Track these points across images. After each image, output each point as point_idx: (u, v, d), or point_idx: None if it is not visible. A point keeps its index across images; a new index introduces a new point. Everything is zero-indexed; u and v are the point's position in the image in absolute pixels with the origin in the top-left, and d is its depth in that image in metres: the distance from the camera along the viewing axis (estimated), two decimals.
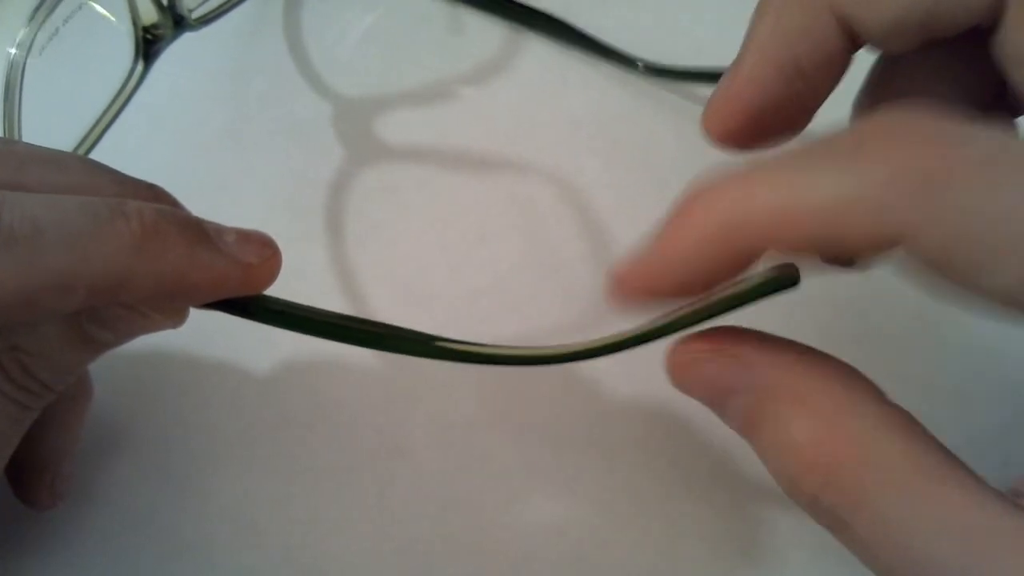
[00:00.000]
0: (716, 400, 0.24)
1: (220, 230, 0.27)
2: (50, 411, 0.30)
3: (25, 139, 0.33)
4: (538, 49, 0.47)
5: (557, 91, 0.45)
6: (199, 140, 0.44)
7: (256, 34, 0.46)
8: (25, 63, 0.32)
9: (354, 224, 0.42)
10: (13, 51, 0.32)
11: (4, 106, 0.32)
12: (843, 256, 0.22)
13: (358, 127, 0.44)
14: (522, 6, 0.46)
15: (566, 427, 0.38)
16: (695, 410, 0.37)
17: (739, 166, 0.22)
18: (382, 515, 0.36)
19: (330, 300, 0.39)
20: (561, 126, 0.44)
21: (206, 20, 0.37)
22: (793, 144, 0.23)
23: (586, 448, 0.37)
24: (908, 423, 0.21)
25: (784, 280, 0.24)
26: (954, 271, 0.19)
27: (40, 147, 0.27)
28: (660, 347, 0.26)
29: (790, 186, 0.21)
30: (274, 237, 0.28)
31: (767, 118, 0.27)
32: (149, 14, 0.35)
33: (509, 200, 0.42)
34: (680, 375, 0.25)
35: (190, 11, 0.36)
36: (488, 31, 0.47)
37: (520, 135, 0.44)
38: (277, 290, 0.28)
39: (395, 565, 0.36)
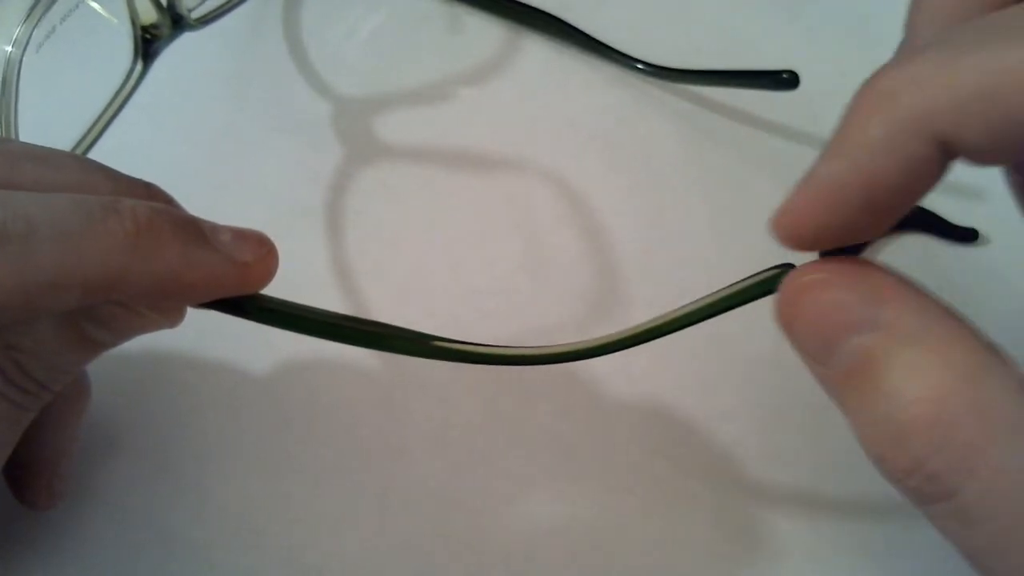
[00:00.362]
0: (828, 339, 0.21)
1: (215, 228, 0.27)
2: (48, 411, 0.30)
3: (23, 138, 0.33)
4: (538, 49, 0.47)
5: (557, 91, 0.45)
6: (199, 140, 0.44)
7: (256, 34, 0.46)
8: (21, 61, 0.32)
9: (354, 224, 0.42)
10: (9, 49, 0.32)
11: (0, 104, 0.32)
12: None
13: (358, 127, 0.44)
14: (522, 5, 0.46)
15: (566, 427, 0.38)
16: (696, 410, 0.37)
17: (910, 47, 0.21)
18: (382, 515, 0.36)
19: (330, 300, 0.39)
20: (561, 126, 0.44)
21: (206, 20, 0.37)
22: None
23: (586, 448, 0.37)
24: None
25: (781, 280, 0.23)
26: None
27: (34, 145, 0.27)
28: (660, 347, 0.26)
29: (997, 54, 0.18)
30: (273, 237, 0.28)
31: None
32: (148, 14, 0.35)
33: (509, 200, 0.42)
34: (794, 303, 0.22)
35: (189, 11, 0.36)
36: (488, 31, 0.47)
37: (520, 135, 0.44)
38: (276, 290, 0.28)
39: (395, 565, 0.35)
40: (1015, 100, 0.18)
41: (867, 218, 0.21)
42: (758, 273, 0.24)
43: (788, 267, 0.24)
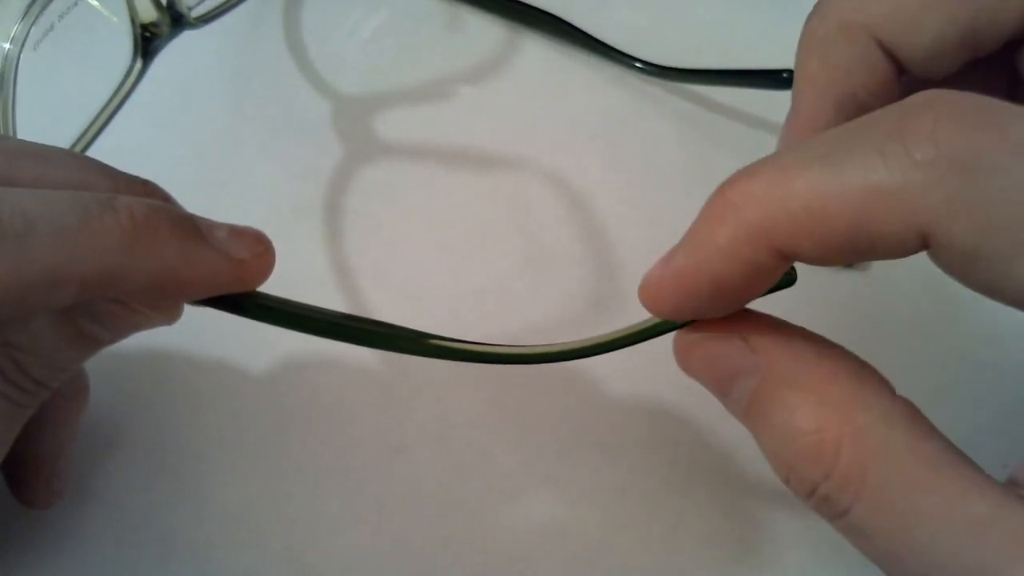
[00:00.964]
0: (721, 383, 0.24)
1: (212, 226, 0.27)
2: (46, 409, 0.30)
3: (21, 136, 0.33)
4: (538, 48, 0.47)
5: (558, 90, 0.45)
6: (199, 139, 0.44)
7: (256, 33, 0.46)
8: (19, 58, 0.32)
9: (354, 223, 0.42)
10: (7, 46, 0.32)
11: None
12: (870, 255, 0.21)
13: (358, 126, 0.44)
14: (522, 4, 0.46)
15: (566, 427, 0.38)
16: (696, 410, 0.37)
17: (771, 156, 0.22)
18: (382, 515, 0.36)
19: (329, 299, 0.39)
20: (561, 125, 0.44)
21: (206, 19, 0.37)
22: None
23: (586, 448, 0.37)
24: (914, 415, 0.21)
25: (782, 278, 0.23)
26: (985, 265, 0.19)
27: (31, 142, 0.27)
28: (659, 347, 0.26)
29: (827, 175, 0.20)
30: (272, 236, 0.28)
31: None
32: (147, 11, 0.35)
33: (509, 199, 0.42)
34: (686, 355, 0.25)
35: (189, 9, 0.36)
36: (488, 30, 0.47)
37: (520, 134, 0.44)
38: (275, 289, 0.28)
39: (395, 565, 0.35)
40: (834, 221, 0.20)
41: (714, 303, 0.23)
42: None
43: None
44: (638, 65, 0.45)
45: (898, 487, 0.20)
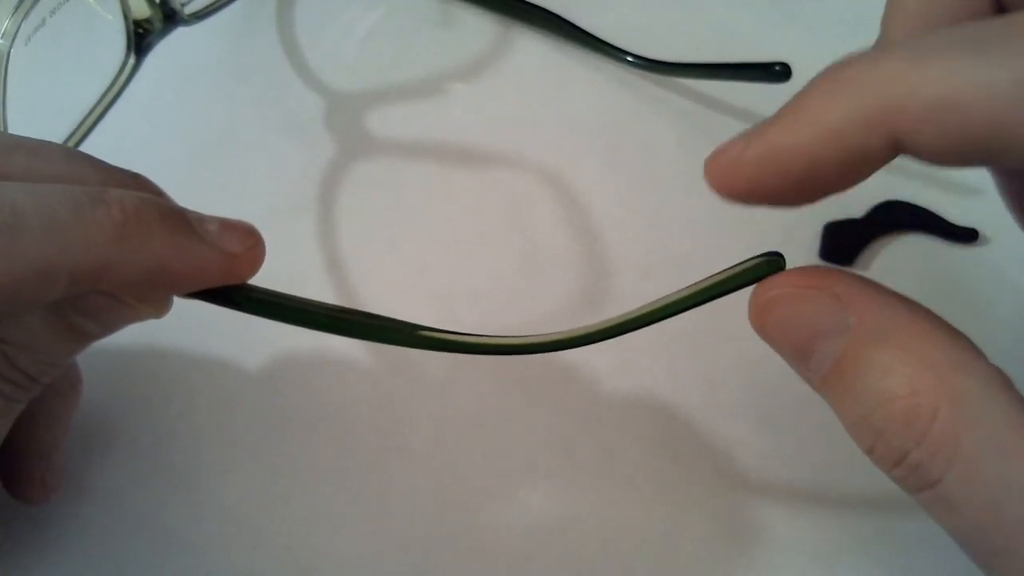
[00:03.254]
0: (802, 346, 0.23)
1: (202, 219, 0.27)
2: (38, 404, 0.30)
3: (13, 131, 0.33)
4: (533, 45, 0.47)
5: (554, 88, 0.45)
6: (193, 136, 0.44)
7: (250, 30, 0.46)
8: (9, 53, 0.32)
9: (349, 220, 0.42)
10: None
11: None
12: (997, 158, 0.20)
13: (353, 123, 0.44)
14: (518, 0, 0.46)
15: (566, 427, 0.37)
16: (696, 410, 0.37)
17: (886, 44, 0.21)
18: (382, 515, 0.36)
19: (325, 297, 0.39)
20: (558, 123, 0.44)
21: (199, 16, 0.37)
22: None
23: (586, 448, 0.37)
24: (1009, 385, 0.20)
25: (768, 267, 0.23)
26: None
27: (22, 136, 0.27)
28: (661, 346, 0.26)
29: (975, 62, 0.19)
30: (267, 233, 0.28)
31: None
32: (140, 8, 0.35)
33: (505, 197, 0.42)
34: (766, 315, 0.23)
35: (182, 5, 0.36)
36: (482, 26, 0.47)
37: (516, 131, 0.44)
38: (271, 286, 0.28)
39: (395, 565, 0.35)
40: (975, 113, 0.18)
41: (800, 189, 0.22)
42: (744, 262, 0.24)
43: (773, 255, 0.24)
44: (629, 59, 0.45)
45: (993, 457, 0.19)
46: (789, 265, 0.24)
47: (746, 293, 0.24)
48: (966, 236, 0.40)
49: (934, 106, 0.19)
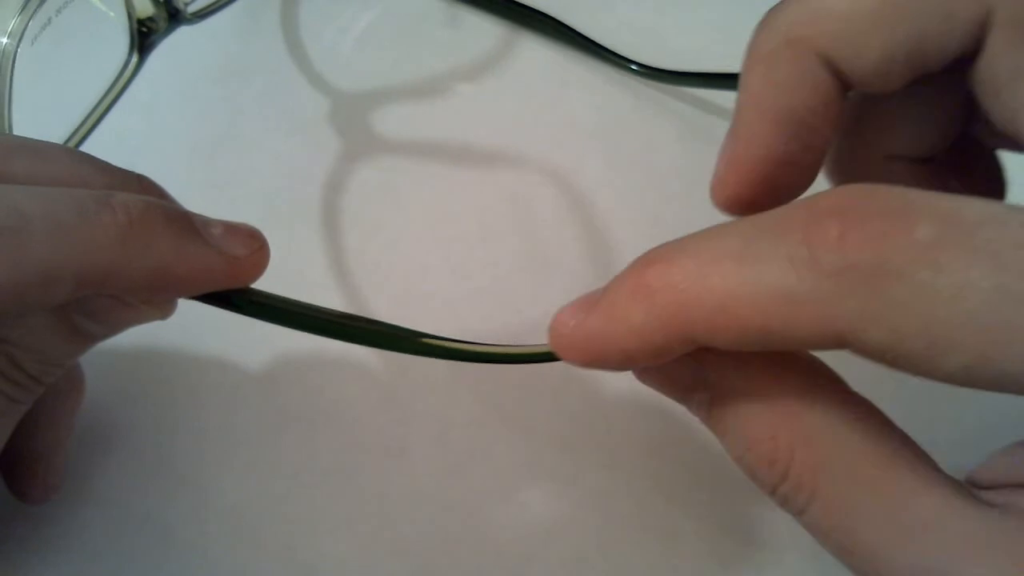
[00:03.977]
0: (680, 396, 0.24)
1: (207, 222, 0.27)
2: (41, 404, 0.30)
3: (16, 130, 0.32)
4: (535, 48, 0.46)
5: (555, 90, 0.45)
6: (195, 135, 0.44)
7: (253, 30, 0.46)
8: (16, 52, 0.32)
9: (351, 221, 0.42)
10: (4, 40, 0.32)
11: None
12: (789, 349, 0.22)
13: (355, 124, 0.44)
14: (519, 5, 0.46)
15: (566, 427, 0.37)
16: None
17: (688, 239, 0.22)
18: (382, 515, 0.36)
19: (327, 298, 0.39)
20: (559, 126, 0.44)
21: (202, 15, 0.37)
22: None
23: (586, 448, 0.37)
24: (868, 414, 0.22)
25: None
26: (905, 362, 0.19)
27: (27, 138, 0.27)
28: None
29: (740, 276, 0.20)
30: (269, 234, 0.28)
31: (776, 176, 0.25)
32: (144, 7, 0.35)
33: (507, 199, 0.42)
34: (643, 373, 0.25)
35: (186, 4, 0.36)
36: (485, 28, 0.47)
37: (518, 134, 0.44)
38: (272, 288, 0.28)
39: (395, 565, 0.35)
40: (752, 321, 0.20)
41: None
42: None
43: None
44: (634, 67, 0.45)
45: (848, 489, 0.21)
46: None
47: None
48: None
49: (717, 315, 0.20)
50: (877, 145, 0.28)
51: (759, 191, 0.26)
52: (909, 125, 0.27)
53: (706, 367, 0.23)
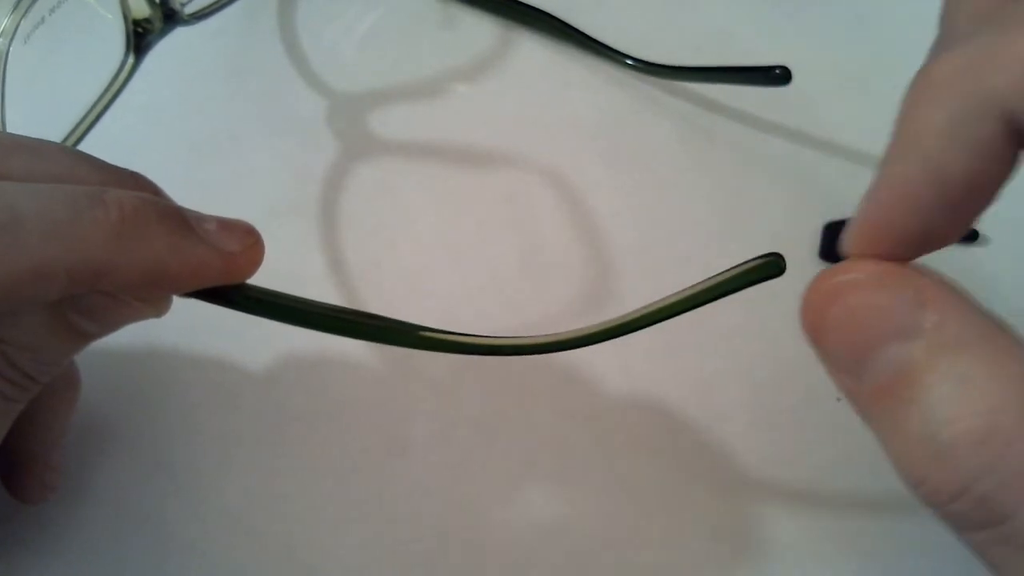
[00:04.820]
0: (864, 346, 0.19)
1: (201, 218, 0.27)
2: (37, 403, 0.30)
3: (12, 130, 0.33)
4: (534, 47, 0.46)
5: (555, 89, 0.45)
6: (192, 136, 0.44)
7: (250, 31, 0.46)
8: (8, 51, 0.32)
9: (350, 222, 0.42)
10: None
11: None
12: None
13: (353, 124, 0.44)
14: (517, 3, 0.46)
15: (566, 427, 0.37)
16: (695, 409, 0.37)
17: (971, 30, 0.19)
18: (382, 515, 0.36)
19: (326, 297, 0.39)
20: (558, 125, 0.44)
21: (199, 16, 0.37)
22: None
23: (586, 448, 0.37)
24: None
25: (769, 268, 0.23)
26: None
27: (20, 136, 0.27)
28: (660, 347, 0.26)
29: None
30: (267, 235, 0.28)
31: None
32: (140, 7, 0.35)
33: (506, 198, 0.42)
34: (823, 308, 0.20)
35: (182, 5, 0.36)
36: (483, 28, 0.47)
37: (517, 133, 0.44)
38: (271, 287, 0.28)
39: (395, 565, 0.35)
40: None
41: (946, 216, 0.19)
42: (744, 263, 0.24)
43: (774, 256, 0.24)
44: (629, 62, 0.45)
45: None
46: (789, 267, 0.24)
47: (742, 294, 0.24)
48: (966, 236, 0.40)
49: None
50: None
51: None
52: None
53: (929, 306, 0.19)
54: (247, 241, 0.27)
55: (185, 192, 0.30)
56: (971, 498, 0.17)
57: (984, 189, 0.19)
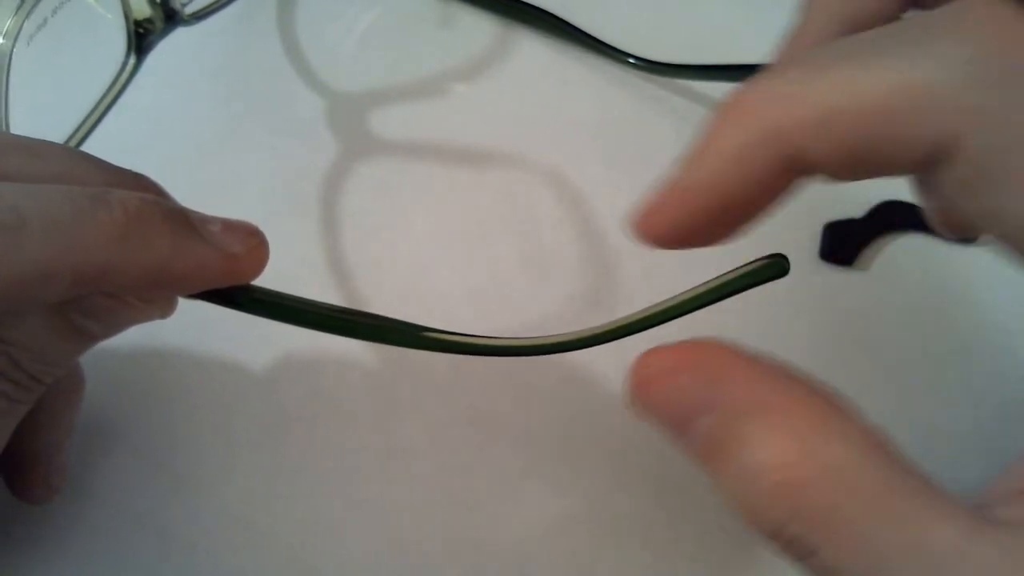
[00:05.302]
0: (680, 420, 0.22)
1: (205, 219, 0.27)
2: (42, 404, 0.30)
3: (14, 131, 0.33)
4: (534, 46, 0.46)
5: (555, 88, 0.45)
6: (193, 136, 0.44)
7: (250, 30, 0.46)
8: (12, 53, 0.32)
9: (350, 221, 0.42)
10: (0, 40, 0.32)
11: None
12: (877, 166, 0.20)
13: (353, 123, 0.44)
14: (516, 1, 0.46)
15: (565, 427, 0.37)
16: None
17: (784, 61, 0.21)
18: (382, 514, 0.36)
19: (326, 297, 0.39)
20: (558, 124, 0.44)
21: (199, 16, 0.37)
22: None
23: (586, 448, 0.37)
24: (887, 446, 0.20)
25: (773, 268, 0.23)
26: (994, 187, 0.18)
27: (23, 136, 0.27)
28: (659, 343, 0.25)
29: (856, 71, 0.19)
30: (267, 234, 0.28)
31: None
32: (141, 8, 0.35)
33: (506, 197, 0.42)
34: (645, 392, 0.23)
35: (183, 5, 0.36)
36: (482, 27, 0.47)
37: (516, 132, 0.44)
38: (271, 287, 0.28)
39: (395, 565, 0.35)
40: (862, 119, 0.19)
41: (720, 222, 0.23)
42: (748, 263, 0.24)
43: (778, 257, 0.24)
44: (631, 61, 0.45)
45: (868, 525, 0.19)
46: (792, 266, 0.24)
47: (742, 294, 0.24)
48: (965, 237, 0.41)
49: (820, 116, 0.19)
50: None
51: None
52: None
53: (720, 384, 0.21)
54: (251, 242, 0.27)
55: (185, 192, 0.30)
56: (784, 540, 0.20)
57: (756, 206, 0.22)
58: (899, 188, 0.42)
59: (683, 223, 0.23)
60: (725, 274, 0.25)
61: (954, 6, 0.19)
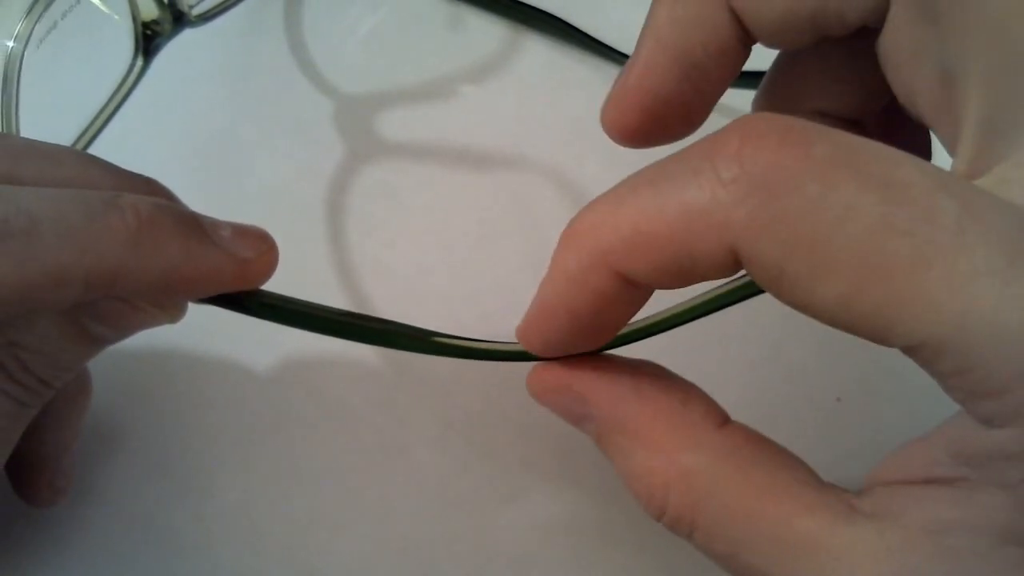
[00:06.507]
0: (573, 423, 0.26)
1: (216, 224, 0.27)
2: (49, 408, 0.30)
3: (23, 134, 0.32)
4: (539, 48, 0.46)
5: (558, 91, 0.45)
6: (200, 137, 0.44)
7: (257, 32, 0.46)
8: (23, 56, 0.32)
9: (355, 222, 0.42)
10: (10, 44, 0.32)
11: (1, 99, 0.32)
12: (694, 275, 0.21)
13: (359, 125, 0.44)
14: (522, 4, 0.46)
15: (566, 427, 0.37)
16: None
17: (611, 188, 0.22)
18: (383, 515, 0.36)
19: (331, 299, 0.39)
20: (562, 126, 0.44)
21: (206, 17, 0.37)
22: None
23: (586, 448, 0.37)
24: (744, 442, 0.23)
25: (749, 287, 0.24)
26: (790, 287, 0.19)
27: (35, 141, 0.27)
28: (660, 347, 0.26)
29: (651, 198, 0.20)
30: (274, 235, 0.28)
31: (664, 112, 0.27)
32: (149, 10, 0.35)
33: (510, 199, 0.42)
34: (541, 401, 0.26)
35: (190, 7, 0.36)
36: (488, 29, 0.47)
37: (521, 134, 0.44)
38: (276, 288, 0.28)
39: (395, 565, 0.36)
40: (663, 240, 0.20)
41: (577, 336, 0.24)
42: (739, 277, 0.25)
43: None
44: None
45: (727, 518, 0.22)
46: None
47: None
48: None
49: (632, 240, 0.21)
50: (801, 100, 0.29)
51: (647, 123, 0.28)
52: (829, 83, 0.28)
53: (590, 403, 0.24)
54: (261, 247, 0.27)
55: (191, 192, 0.30)
56: (666, 526, 0.23)
57: (608, 316, 0.24)
58: None
59: (549, 337, 0.25)
60: (708, 292, 0.25)
61: (728, 125, 0.20)
